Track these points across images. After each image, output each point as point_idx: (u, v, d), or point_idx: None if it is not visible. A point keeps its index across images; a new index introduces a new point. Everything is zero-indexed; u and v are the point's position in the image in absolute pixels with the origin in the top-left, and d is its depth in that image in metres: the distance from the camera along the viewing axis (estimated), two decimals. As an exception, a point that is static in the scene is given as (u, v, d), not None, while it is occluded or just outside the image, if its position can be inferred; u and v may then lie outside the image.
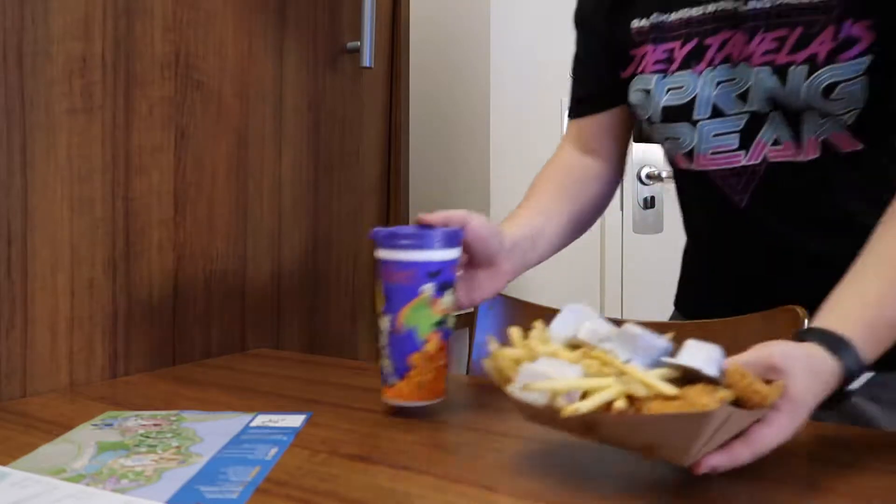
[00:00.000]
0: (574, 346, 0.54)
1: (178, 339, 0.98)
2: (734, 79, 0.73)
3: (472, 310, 0.91)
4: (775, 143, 0.71)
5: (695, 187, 0.82)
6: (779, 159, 0.72)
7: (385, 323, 0.67)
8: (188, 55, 0.98)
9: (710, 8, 0.73)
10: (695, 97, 0.75)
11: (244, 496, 0.49)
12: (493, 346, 0.55)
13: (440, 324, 0.66)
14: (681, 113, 0.76)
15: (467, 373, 0.94)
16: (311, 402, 0.74)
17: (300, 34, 1.17)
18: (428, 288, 0.65)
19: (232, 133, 1.05)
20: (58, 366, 0.84)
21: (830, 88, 0.69)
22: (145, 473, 0.52)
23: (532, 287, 1.84)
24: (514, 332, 0.55)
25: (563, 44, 0.99)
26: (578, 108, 0.92)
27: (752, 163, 0.73)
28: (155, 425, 0.65)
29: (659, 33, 0.78)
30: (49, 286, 0.83)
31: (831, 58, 0.68)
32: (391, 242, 0.66)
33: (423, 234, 0.66)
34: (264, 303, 1.11)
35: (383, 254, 0.67)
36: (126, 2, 0.90)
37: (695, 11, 0.75)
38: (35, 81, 0.81)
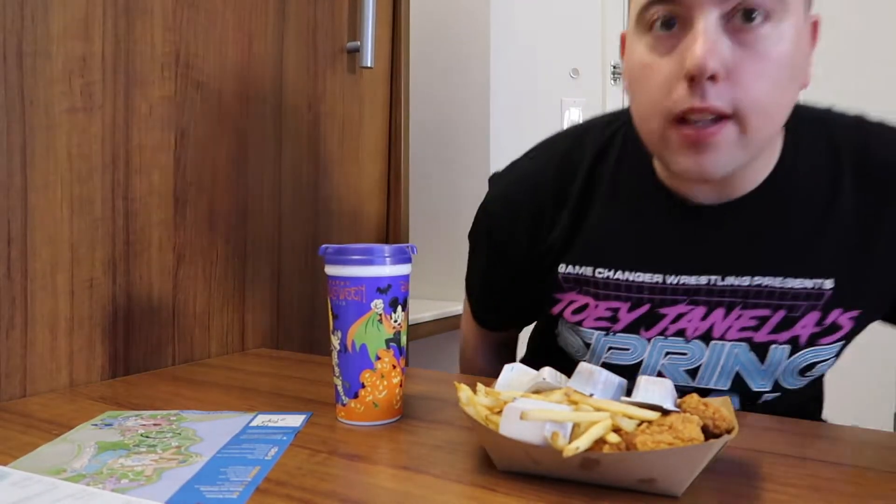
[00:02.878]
0: (535, 392, 0.57)
1: (178, 339, 0.98)
2: (686, 353, 0.70)
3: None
4: None
5: None
6: None
7: (336, 341, 0.66)
8: (188, 55, 0.98)
9: (672, 280, 0.68)
10: (641, 361, 0.72)
11: (244, 496, 0.49)
12: (462, 392, 0.55)
13: (392, 341, 0.66)
14: (624, 372, 0.68)
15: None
16: (311, 402, 0.74)
17: (300, 34, 1.17)
18: (378, 304, 0.64)
19: (232, 133, 1.05)
20: (58, 366, 0.84)
21: (809, 367, 0.69)
22: (145, 473, 0.52)
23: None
24: (467, 388, 0.56)
25: (563, 44, 0.99)
26: (486, 321, 0.89)
27: None
28: (155, 425, 0.65)
29: (600, 289, 0.71)
30: (49, 286, 0.83)
31: (813, 341, 0.68)
32: (339, 258, 0.65)
33: (372, 250, 0.65)
34: (264, 303, 1.11)
35: (332, 270, 0.66)
36: (126, 2, 0.90)
37: (647, 277, 0.69)
38: (35, 81, 0.81)
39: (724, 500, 0.48)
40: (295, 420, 0.67)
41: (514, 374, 0.61)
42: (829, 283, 0.65)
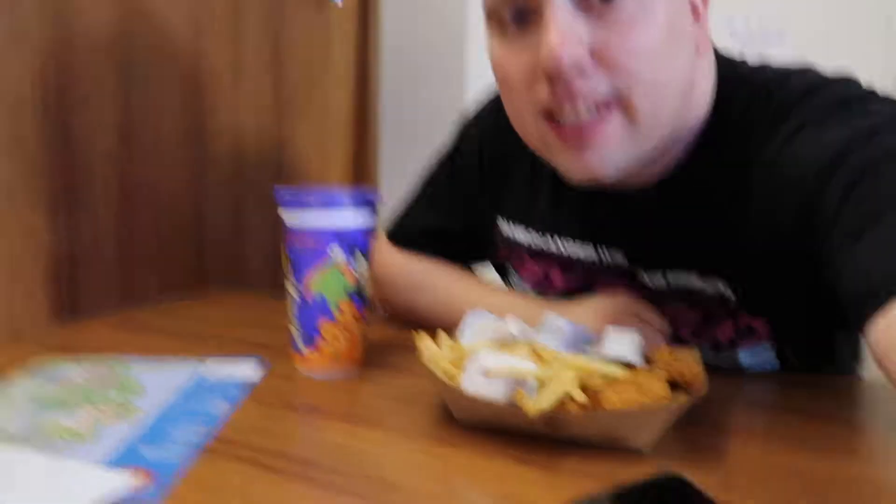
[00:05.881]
0: (500, 345, 0.54)
1: (126, 280, 0.94)
2: None
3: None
4: None
5: None
6: None
7: (293, 290, 0.62)
8: (132, -25, 0.91)
9: (606, 259, 0.65)
10: None
11: (187, 456, 0.46)
12: (423, 344, 0.53)
13: (354, 291, 0.62)
14: None
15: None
16: (268, 347, 0.71)
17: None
18: (337, 252, 0.61)
19: (185, 65, 0.98)
20: (-2, 311, 0.79)
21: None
22: (81, 431, 0.49)
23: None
24: (429, 342, 0.53)
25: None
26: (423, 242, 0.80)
27: None
28: (97, 375, 0.61)
29: (533, 253, 0.71)
30: (-16, 227, 0.77)
31: (735, 343, 0.63)
32: (296, 202, 0.61)
33: (331, 194, 0.60)
34: (224, 239, 1.07)
35: (287, 215, 0.61)
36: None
37: (582, 252, 0.67)
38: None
39: (691, 452, 0.47)
40: (249, 369, 0.64)
41: (478, 320, 0.58)
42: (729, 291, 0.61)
